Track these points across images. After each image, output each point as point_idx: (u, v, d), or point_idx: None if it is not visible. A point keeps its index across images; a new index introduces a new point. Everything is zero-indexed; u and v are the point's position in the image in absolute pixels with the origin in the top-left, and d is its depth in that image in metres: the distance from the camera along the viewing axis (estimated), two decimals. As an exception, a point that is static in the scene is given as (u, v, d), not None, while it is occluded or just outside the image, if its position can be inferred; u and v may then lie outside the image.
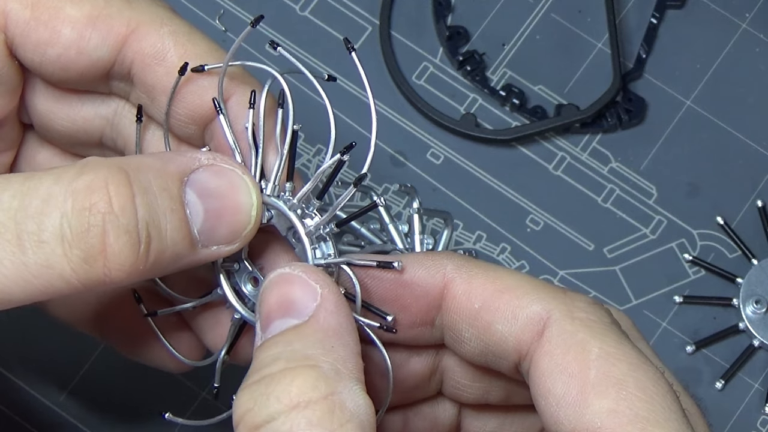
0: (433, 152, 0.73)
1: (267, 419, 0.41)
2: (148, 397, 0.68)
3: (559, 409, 0.44)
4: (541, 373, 0.45)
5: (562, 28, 0.75)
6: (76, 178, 0.44)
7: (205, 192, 0.47)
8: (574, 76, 0.75)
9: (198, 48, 0.49)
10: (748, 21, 0.76)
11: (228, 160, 0.48)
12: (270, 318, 0.45)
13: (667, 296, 0.71)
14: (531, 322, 0.46)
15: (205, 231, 0.47)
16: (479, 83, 0.74)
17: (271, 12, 0.75)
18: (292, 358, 0.43)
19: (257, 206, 0.47)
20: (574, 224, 0.72)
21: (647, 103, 0.74)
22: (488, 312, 0.47)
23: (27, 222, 0.44)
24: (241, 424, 0.42)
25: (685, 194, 0.73)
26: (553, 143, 0.74)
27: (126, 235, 0.44)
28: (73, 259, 0.44)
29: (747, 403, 0.70)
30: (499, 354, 0.47)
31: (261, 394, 0.42)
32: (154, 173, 0.46)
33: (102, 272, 0.44)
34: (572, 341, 0.45)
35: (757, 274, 0.71)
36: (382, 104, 0.74)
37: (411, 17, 0.76)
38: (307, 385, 0.42)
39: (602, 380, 0.44)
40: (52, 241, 0.44)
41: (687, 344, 0.70)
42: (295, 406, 0.41)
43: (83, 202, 0.44)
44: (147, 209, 0.45)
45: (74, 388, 0.68)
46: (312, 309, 0.44)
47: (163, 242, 0.45)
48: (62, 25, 0.48)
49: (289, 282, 0.45)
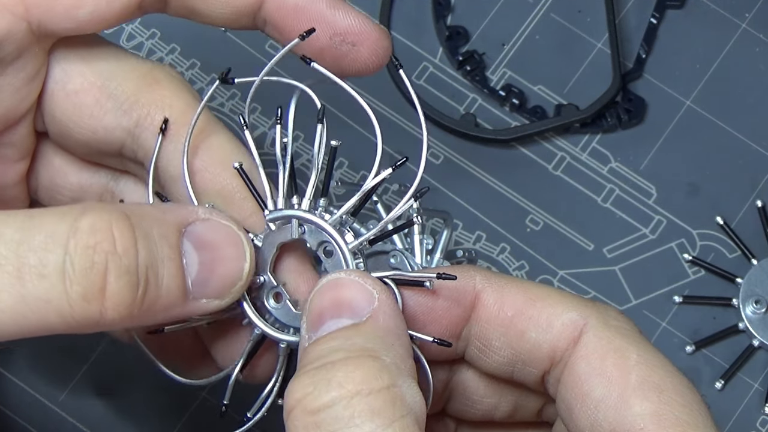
0: (432, 152, 0.73)
1: (327, 404, 0.42)
2: (148, 397, 0.68)
3: (598, 412, 0.46)
4: (578, 377, 0.47)
5: (562, 28, 0.75)
6: (80, 218, 0.44)
7: (200, 244, 0.47)
8: (573, 76, 0.75)
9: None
10: (747, 21, 0.76)
11: (224, 215, 0.48)
12: (323, 317, 0.45)
13: (667, 296, 0.71)
14: (567, 329, 0.47)
15: (198, 283, 0.47)
16: (479, 83, 0.74)
17: (270, 12, 0.75)
18: (353, 349, 0.43)
19: (250, 263, 0.48)
20: (574, 224, 0.72)
21: (647, 103, 0.74)
22: (522, 320, 0.48)
23: (29, 255, 0.44)
24: (298, 407, 0.42)
25: (685, 194, 0.73)
26: (552, 143, 0.74)
27: (127, 276, 0.45)
28: (72, 296, 0.44)
29: (747, 403, 0.70)
30: (528, 362, 0.48)
31: (321, 379, 0.42)
32: (155, 221, 0.46)
33: (99, 311, 0.45)
34: (610, 347, 0.47)
35: (757, 274, 0.71)
36: (382, 104, 0.74)
37: (411, 17, 0.76)
38: (370, 374, 0.42)
39: (643, 384, 0.46)
40: (53, 276, 0.44)
41: (687, 344, 0.70)
42: (357, 393, 0.42)
43: (88, 241, 0.44)
44: (147, 254, 0.45)
45: (74, 388, 0.68)
46: (369, 311, 0.45)
47: (159, 289, 0.46)
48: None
49: (345, 285, 0.46)
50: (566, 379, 0.47)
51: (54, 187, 0.55)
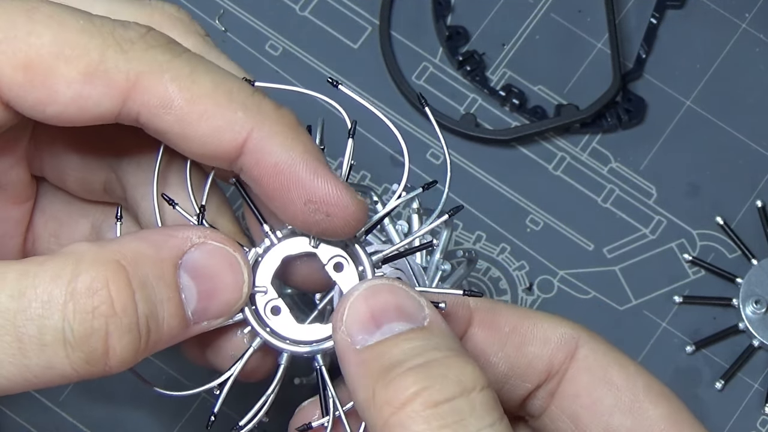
0: (432, 152, 0.73)
1: (449, 398, 0.43)
2: (148, 397, 0.68)
3: (613, 417, 0.49)
4: (582, 387, 0.49)
5: (562, 28, 0.75)
6: (75, 278, 0.44)
7: (197, 274, 0.47)
8: (573, 76, 0.75)
9: (202, 88, 0.47)
10: (748, 21, 0.76)
11: (219, 236, 0.48)
12: (378, 320, 0.46)
13: (667, 296, 0.71)
14: (563, 343, 0.50)
15: (198, 311, 0.47)
16: (479, 83, 0.74)
17: (271, 12, 0.75)
18: (443, 347, 0.45)
19: (247, 282, 0.48)
20: (574, 224, 0.72)
21: (647, 103, 0.74)
22: (518, 335, 0.50)
23: (27, 325, 0.44)
24: (417, 401, 0.43)
25: (685, 194, 0.73)
26: (552, 143, 0.74)
27: (128, 335, 0.45)
28: (75, 361, 0.44)
29: (747, 403, 0.70)
30: (524, 376, 0.50)
31: (437, 375, 0.43)
32: (150, 263, 0.46)
33: (103, 369, 0.45)
34: (608, 358, 0.50)
35: (757, 275, 0.71)
36: (382, 104, 0.74)
37: (411, 17, 0.75)
38: (476, 372, 0.44)
39: (649, 391, 0.49)
40: (54, 345, 0.44)
41: (687, 344, 0.70)
42: (473, 389, 0.44)
43: (85, 305, 0.44)
44: (146, 304, 0.45)
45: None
46: (423, 316, 0.46)
47: (160, 332, 0.46)
48: (58, 84, 0.46)
49: (394, 292, 0.46)
50: (568, 391, 0.50)
51: (59, 167, 0.54)
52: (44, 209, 0.56)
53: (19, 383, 0.44)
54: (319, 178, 0.47)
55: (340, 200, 0.47)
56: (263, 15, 0.75)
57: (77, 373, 0.45)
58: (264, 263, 0.50)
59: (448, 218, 0.50)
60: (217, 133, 0.47)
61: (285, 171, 0.47)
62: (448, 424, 0.43)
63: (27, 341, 0.44)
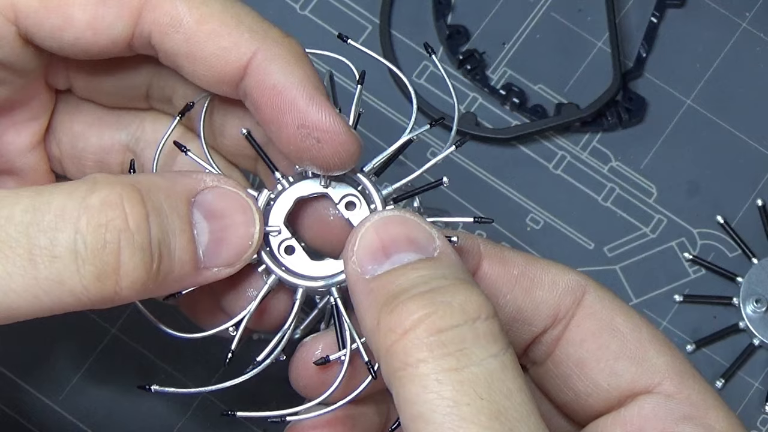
0: (433, 151, 0.73)
1: (453, 325, 0.43)
2: (149, 397, 0.68)
3: (617, 362, 0.49)
4: (589, 332, 0.50)
5: (562, 27, 0.75)
6: (90, 194, 0.44)
7: (210, 213, 0.47)
8: (574, 75, 0.75)
9: (211, 8, 0.49)
10: (748, 20, 0.76)
11: (231, 181, 0.49)
12: (387, 250, 0.46)
13: (667, 295, 0.71)
14: (570, 288, 0.51)
15: (209, 253, 0.47)
16: (479, 82, 0.74)
17: (271, 11, 0.75)
18: (450, 276, 0.45)
19: (258, 231, 0.48)
20: (574, 223, 0.72)
21: (647, 102, 0.74)
22: (526, 279, 0.51)
23: (39, 237, 0.43)
24: (420, 327, 0.43)
25: (686, 193, 0.73)
26: (553, 142, 0.74)
27: (140, 253, 0.45)
28: (86, 276, 0.44)
29: (747, 403, 0.70)
30: (530, 320, 0.51)
31: (441, 303, 0.43)
32: (164, 193, 0.46)
33: (113, 290, 0.44)
34: (614, 306, 0.51)
35: (758, 273, 0.71)
36: (382, 104, 0.74)
37: (411, 16, 0.75)
38: (482, 300, 0.44)
39: (654, 339, 0.50)
40: (65, 257, 0.44)
41: (687, 343, 0.70)
42: (478, 317, 0.43)
43: (99, 219, 0.44)
44: (159, 228, 0.45)
45: (74, 388, 0.68)
46: (434, 247, 0.46)
47: (171, 262, 0.46)
48: (73, 8, 0.48)
49: (405, 223, 0.47)
50: (573, 336, 0.50)
51: (77, 152, 0.55)
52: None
53: (29, 301, 0.44)
54: (314, 104, 0.48)
55: (332, 127, 0.48)
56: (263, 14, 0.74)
57: (87, 291, 0.44)
58: (277, 205, 0.51)
59: (454, 149, 0.52)
60: (223, 53, 0.49)
61: (282, 93, 0.48)
62: (450, 353, 0.42)
63: (38, 253, 0.43)
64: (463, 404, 0.41)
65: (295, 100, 0.48)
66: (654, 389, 0.49)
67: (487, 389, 0.42)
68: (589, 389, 0.50)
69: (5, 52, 0.49)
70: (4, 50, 0.49)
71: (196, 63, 0.49)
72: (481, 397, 0.42)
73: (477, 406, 0.41)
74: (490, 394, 0.42)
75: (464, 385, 0.42)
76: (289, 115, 0.48)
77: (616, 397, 0.50)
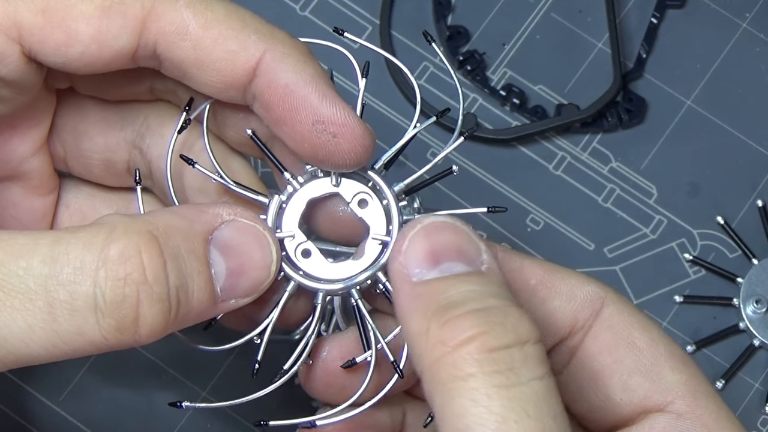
0: (433, 152, 0.73)
1: (505, 345, 0.43)
2: (149, 397, 0.68)
3: (631, 378, 0.49)
4: (605, 345, 0.50)
5: (563, 27, 0.75)
6: (108, 245, 0.44)
7: (227, 250, 0.47)
8: (574, 76, 0.75)
9: (216, 13, 0.49)
10: (748, 21, 0.76)
11: (248, 214, 0.49)
12: (439, 257, 0.45)
13: (668, 296, 0.71)
14: (589, 299, 0.50)
15: (227, 288, 0.47)
16: (479, 83, 0.74)
17: (271, 12, 0.75)
18: (501, 296, 0.45)
19: (276, 261, 0.49)
20: (575, 224, 0.72)
21: (647, 102, 0.74)
22: (545, 288, 0.51)
23: (59, 290, 0.44)
24: (474, 343, 0.43)
25: (686, 194, 0.73)
26: (553, 143, 0.74)
27: (159, 304, 0.45)
28: (105, 327, 0.44)
29: (747, 403, 0.70)
30: (546, 330, 0.50)
31: (495, 323, 0.43)
32: (182, 236, 0.46)
33: (133, 338, 0.45)
34: (633, 319, 0.50)
35: (758, 274, 0.71)
36: (382, 104, 0.74)
37: (411, 17, 0.75)
38: (532, 323, 0.44)
39: (671, 356, 0.50)
40: (85, 310, 0.44)
41: (687, 344, 0.70)
42: (528, 341, 0.44)
43: (117, 272, 0.44)
44: (177, 275, 0.45)
45: (74, 388, 0.68)
46: (482, 262, 0.46)
47: (189, 304, 0.46)
48: (77, 23, 0.47)
49: (457, 232, 0.46)
50: (590, 348, 0.50)
51: (82, 152, 0.55)
52: (68, 204, 0.56)
53: (49, 350, 0.44)
54: (327, 100, 0.48)
55: (347, 121, 0.48)
56: (264, 14, 0.75)
57: (107, 340, 0.44)
58: (289, 208, 0.50)
59: (462, 139, 0.52)
60: (232, 56, 0.49)
61: (295, 91, 0.48)
62: (500, 371, 0.43)
63: (58, 306, 0.44)
64: (512, 420, 0.42)
65: (308, 96, 0.48)
66: (666, 408, 0.49)
67: (535, 409, 0.42)
68: (603, 403, 0.50)
69: (9, 70, 0.48)
70: (8, 69, 0.48)
71: (205, 69, 0.49)
72: (529, 416, 0.42)
73: (525, 424, 0.42)
74: (538, 413, 0.42)
75: (513, 402, 0.42)
76: (303, 113, 0.48)
77: (629, 413, 0.50)
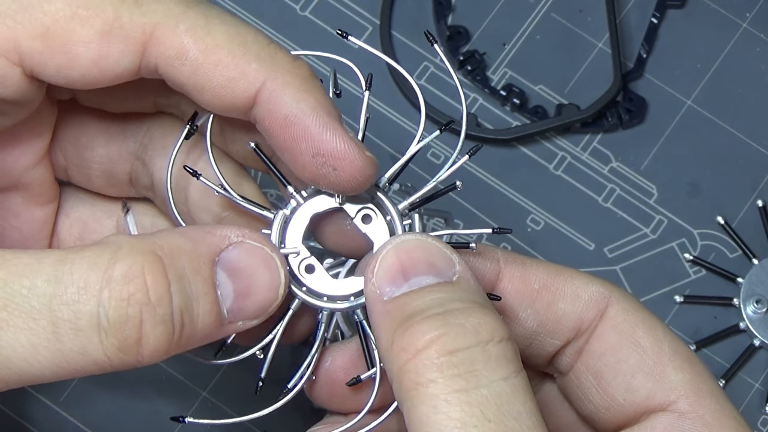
0: (433, 152, 0.73)
1: (465, 346, 0.43)
2: (149, 397, 0.68)
3: (635, 378, 0.49)
4: (609, 345, 0.50)
5: (563, 27, 0.75)
6: (113, 265, 0.44)
7: (234, 272, 0.47)
8: (574, 76, 0.75)
9: (217, 38, 0.48)
10: (748, 21, 0.76)
11: (256, 236, 0.48)
12: (407, 273, 0.46)
13: (668, 296, 0.71)
14: (594, 300, 0.50)
15: (234, 310, 0.47)
16: (480, 83, 0.74)
17: (271, 12, 0.75)
18: (466, 299, 0.45)
19: (284, 284, 0.48)
20: (575, 224, 0.72)
21: (648, 102, 0.74)
22: (549, 291, 0.50)
23: (63, 309, 0.44)
24: (432, 347, 0.43)
25: (686, 194, 0.73)
26: (553, 143, 0.74)
27: (162, 325, 0.45)
28: (108, 347, 0.44)
29: (747, 403, 0.70)
30: (553, 333, 0.50)
31: (454, 324, 0.43)
32: (187, 257, 0.46)
33: (136, 359, 0.45)
34: (638, 319, 0.50)
35: (758, 274, 0.71)
36: (382, 104, 0.74)
37: (411, 17, 0.75)
38: (495, 323, 0.44)
39: (675, 355, 0.49)
40: (88, 330, 0.44)
41: (688, 344, 0.70)
42: (490, 340, 0.43)
43: (121, 293, 0.44)
44: (182, 296, 0.45)
45: (74, 388, 0.68)
46: (453, 272, 0.46)
47: (194, 327, 0.46)
48: (77, 47, 0.47)
49: (425, 248, 0.46)
50: (594, 349, 0.50)
51: (83, 162, 0.54)
52: (68, 213, 0.56)
53: (53, 369, 0.44)
54: (328, 132, 0.48)
55: (348, 154, 0.48)
56: (264, 14, 0.75)
57: (110, 360, 0.44)
58: (293, 223, 0.50)
59: (468, 158, 0.52)
60: (231, 83, 0.48)
61: (295, 123, 0.48)
62: (460, 374, 0.42)
63: (62, 326, 0.44)
64: (471, 426, 0.42)
65: (308, 129, 0.48)
66: (669, 407, 0.49)
67: (496, 411, 0.42)
68: (606, 403, 0.50)
69: (10, 90, 0.48)
70: (10, 90, 0.48)
71: (204, 93, 0.49)
72: (489, 419, 0.42)
73: (484, 428, 0.42)
74: (498, 416, 0.42)
75: (472, 406, 0.42)
76: (303, 144, 0.48)
77: (632, 412, 0.49)
